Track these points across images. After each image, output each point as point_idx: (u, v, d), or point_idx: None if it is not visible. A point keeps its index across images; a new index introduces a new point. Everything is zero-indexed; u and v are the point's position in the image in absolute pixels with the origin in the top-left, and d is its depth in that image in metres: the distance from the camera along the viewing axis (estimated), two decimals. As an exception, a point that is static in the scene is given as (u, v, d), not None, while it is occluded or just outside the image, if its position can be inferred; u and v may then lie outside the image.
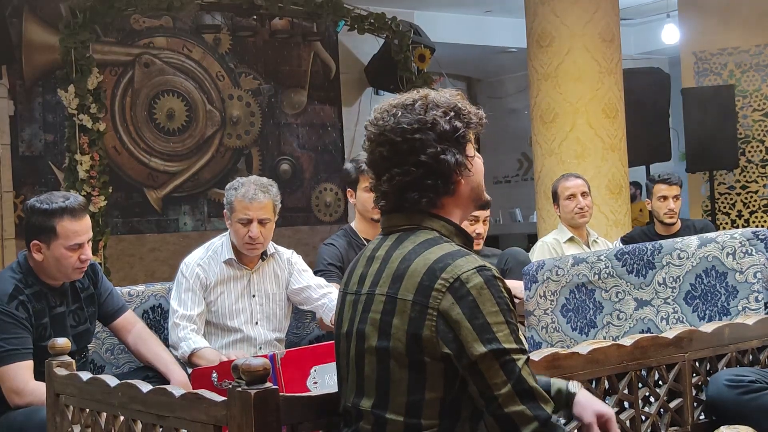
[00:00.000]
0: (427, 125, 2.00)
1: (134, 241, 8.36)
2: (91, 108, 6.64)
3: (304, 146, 9.42)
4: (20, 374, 3.05)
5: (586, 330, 3.47)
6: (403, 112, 2.02)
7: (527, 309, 3.65)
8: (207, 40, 8.83)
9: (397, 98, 2.08)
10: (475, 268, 1.91)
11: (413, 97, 2.05)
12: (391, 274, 1.97)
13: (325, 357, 3.01)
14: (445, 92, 2.08)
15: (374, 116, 2.07)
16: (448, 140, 2.01)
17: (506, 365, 1.86)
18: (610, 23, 7.01)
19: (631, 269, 3.35)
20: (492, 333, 1.86)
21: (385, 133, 2.03)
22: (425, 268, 1.92)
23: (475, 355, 1.86)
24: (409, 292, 1.92)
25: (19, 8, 7.79)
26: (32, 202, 3.22)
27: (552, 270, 3.59)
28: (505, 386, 1.86)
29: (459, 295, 1.88)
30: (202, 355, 3.53)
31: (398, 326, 1.93)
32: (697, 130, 8.23)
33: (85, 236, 3.23)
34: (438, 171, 2.01)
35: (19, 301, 3.13)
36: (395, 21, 8.50)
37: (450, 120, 2.02)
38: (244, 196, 3.69)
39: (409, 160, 2.00)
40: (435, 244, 1.97)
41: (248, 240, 3.68)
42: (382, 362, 1.95)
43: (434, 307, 1.89)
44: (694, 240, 3.23)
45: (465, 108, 2.06)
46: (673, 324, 3.19)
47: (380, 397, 1.96)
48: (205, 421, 2.09)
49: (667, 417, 2.65)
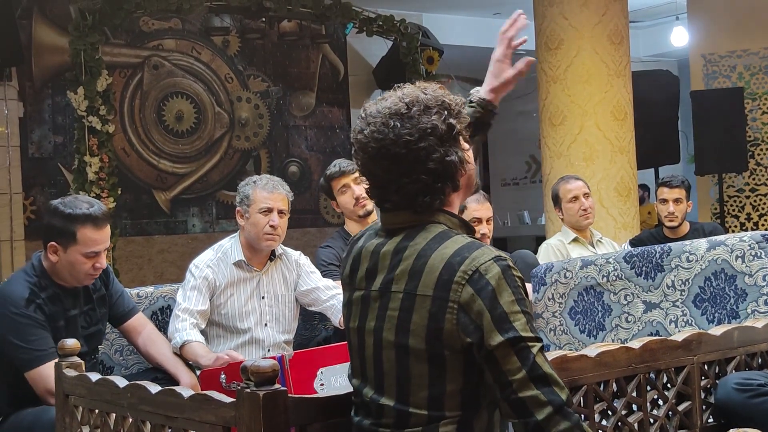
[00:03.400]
0: (427, 131, 1.98)
1: (143, 243, 8.38)
2: (101, 110, 6.66)
3: (312, 148, 9.43)
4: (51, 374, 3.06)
5: (594, 332, 3.47)
6: (401, 122, 1.99)
7: (536, 311, 3.65)
8: (216, 42, 8.85)
9: (384, 105, 2.02)
10: (492, 258, 1.92)
11: (403, 101, 2.01)
12: (407, 271, 1.97)
13: (333, 359, 3.02)
14: (427, 88, 2.06)
15: (369, 129, 2.01)
16: (447, 141, 2.01)
17: (521, 352, 1.87)
18: (619, 25, 7.00)
19: (639, 272, 3.35)
20: (509, 322, 1.88)
21: (387, 147, 1.99)
22: (443, 263, 1.93)
23: (492, 344, 1.87)
24: (429, 288, 1.93)
25: (29, 10, 7.82)
26: (56, 204, 3.22)
27: (560, 272, 3.59)
28: (520, 372, 1.86)
29: (479, 287, 1.89)
30: (190, 349, 3.49)
31: (418, 322, 1.93)
32: (706, 132, 8.21)
33: (103, 245, 3.24)
34: (446, 173, 2.01)
35: (36, 305, 3.14)
36: (404, 23, 8.51)
37: (444, 120, 2.01)
38: (265, 187, 3.75)
39: (417, 169, 1.99)
40: (447, 238, 1.98)
41: (269, 230, 3.70)
42: (401, 359, 1.96)
43: (455, 300, 1.90)
44: (703, 243, 3.23)
45: (452, 102, 2.06)
46: (681, 327, 3.18)
47: (401, 393, 1.97)
48: (214, 422, 2.09)
49: (675, 420, 2.65)
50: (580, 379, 2.40)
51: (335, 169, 4.28)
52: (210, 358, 3.38)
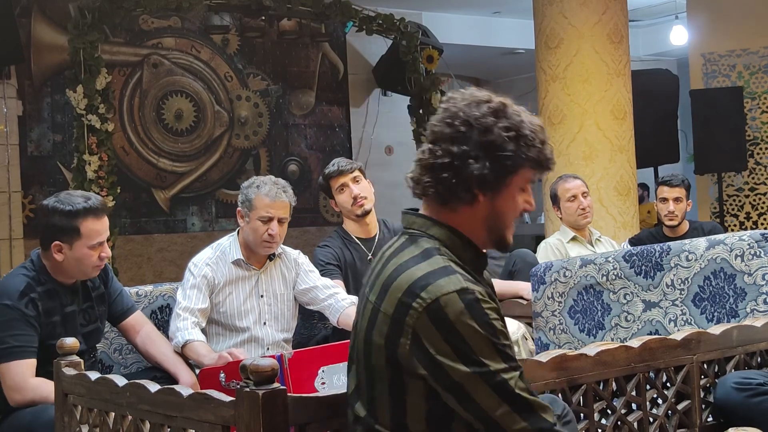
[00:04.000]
0: (478, 125, 1.91)
1: (142, 242, 8.37)
2: (100, 108, 6.65)
3: (311, 147, 9.43)
4: (20, 372, 3.06)
5: (593, 331, 3.47)
6: (475, 104, 1.94)
7: (535, 310, 3.65)
8: (215, 41, 8.85)
9: (484, 93, 1.98)
10: (456, 290, 1.83)
11: (495, 98, 1.96)
12: (381, 283, 1.93)
13: (333, 357, 3.01)
14: (533, 116, 1.98)
15: (456, 95, 1.99)
16: (487, 152, 1.91)
17: (498, 387, 1.82)
18: (618, 24, 6.99)
19: (639, 271, 3.35)
20: (475, 355, 1.80)
21: (448, 110, 1.96)
22: (407, 284, 1.86)
23: (457, 375, 1.81)
24: (390, 307, 1.87)
25: (28, 8, 7.81)
26: (53, 203, 3.21)
27: (560, 271, 3.59)
28: (501, 407, 1.82)
29: (436, 318, 1.81)
30: (193, 348, 3.50)
31: (377, 341, 1.90)
32: (705, 131, 8.21)
33: (106, 234, 3.28)
34: (458, 172, 1.92)
35: (29, 299, 3.14)
36: (403, 22, 8.50)
37: (504, 137, 1.91)
38: (267, 194, 3.70)
39: (442, 145, 1.93)
40: (427, 258, 1.90)
41: (267, 238, 3.70)
42: (368, 372, 1.94)
43: (410, 324, 1.83)
44: (702, 242, 3.23)
45: (533, 139, 1.94)
46: (681, 326, 3.19)
47: (370, 405, 1.94)
48: (213, 421, 2.09)
49: (674, 419, 2.65)
50: (579, 378, 2.40)
51: (334, 168, 4.27)
52: (213, 357, 3.38)
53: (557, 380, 2.36)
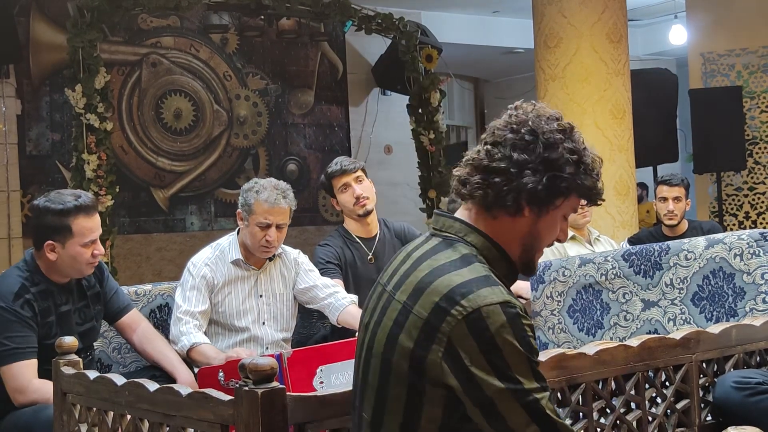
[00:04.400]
0: (544, 138, 1.89)
1: (141, 241, 8.37)
2: (99, 107, 6.64)
3: (311, 146, 9.42)
4: (23, 373, 3.06)
5: (593, 331, 3.47)
6: (547, 119, 1.93)
7: (534, 310, 3.65)
8: (214, 40, 8.84)
9: (554, 110, 1.98)
10: (499, 303, 1.77)
11: (563, 118, 1.96)
12: (414, 284, 1.86)
13: (332, 357, 3.01)
14: (592, 147, 1.97)
15: (532, 107, 1.98)
16: (547, 168, 1.88)
17: (529, 405, 1.77)
18: (617, 24, 6.99)
19: (638, 270, 3.35)
20: (511, 372, 1.76)
21: (517, 116, 1.94)
22: (447, 289, 1.80)
23: (491, 390, 1.76)
24: (425, 310, 1.81)
25: (27, 7, 7.81)
26: (43, 203, 3.21)
27: (559, 271, 3.59)
28: (530, 426, 1.77)
29: (476, 328, 1.76)
30: (200, 351, 3.53)
31: (404, 343, 1.83)
32: (704, 131, 8.21)
33: (98, 232, 3.27)
34: (512, 179, 1.87)
35: (24, 300, 3.14)
36: (402, 21, 8.50)
37: (567, 160, 1.89)
38: (266, 200, 3.67)
39: (501, 149, 1.89)
40: (467, 264, 1.85)
41: (264, 243, 3.69)
42: (384, 373, 1.88)
43: (445, 332, 1.78)
44: (701, 241, 3.23)
45: (591, 169, 1.92)
46: (680, 325, 3.19)
47: (378, 410, 1.89)
48: (212, 420, 2.09)
49: (673, 418, 2.65)
50: (578, 378, 2.40)
51: (337, 167, 4.26)
52: (221, 358, 3.38)
53: (556, 379, 2.35)
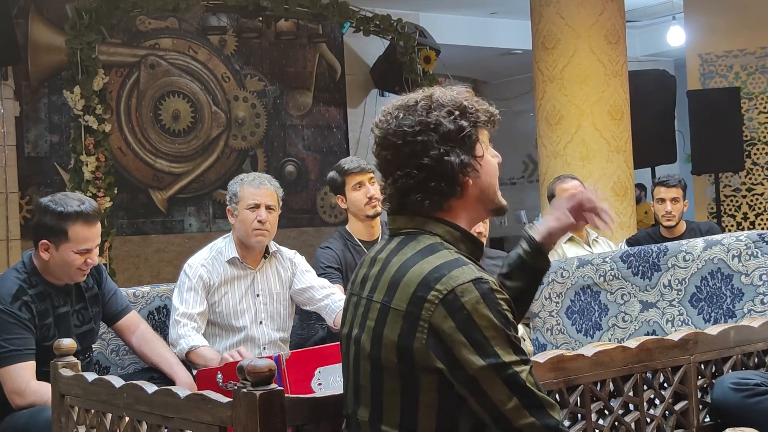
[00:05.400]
0: (429, 126, 1.94)
1: (139, 242, 8.36)
2: (97, 109, 6.65)
3: (309, 148, 9.42)
4: (21, 375, 3.06)
5: (591, 332, 3.47)
6: (405, 113, 1.97)
7: (532, 311, 3.65)
8: (212, 42, 8.84)
9: (401, 99, 2.02)
10: (471, 280, 1.83)
11: (416, 97, 1.99)
12: (387, 281, 1.91)
13: (330, 358, 3.01)
14: (453, 89, 2.02)
15: (378, 118, 2.02)
16: (452, 141, 1.94)
17: (509, 378, 1.81)
18: (615, 25, 7.00)
19: (636, 271, 3.35)
20: (490, 346, 1.80)
21: (388, 137, 1.98)
22: (420, 278, 1.85)
23: (473, 368, 1.80)
24: (403, 302, 1.86)
25: (25, 9, 7.81)
26: (46, 202, 3.21)
27: (557, 272, 3.59)
28: (511, 400, 1.80)
29: (452, 309, 1.81)
30: (199, 353, 3.53)
31: (389, 337, 1.87)
32: (702, 132, 8.21)
33: (95, 242, 3.24)
34: (441, 173, 1.94)
35: (22, 302, 3.13)
36: (400, 23, 8.50)
37: (455, 120, 1.95)
38: (251, 183, 3.75)
39: (410, 163, 1.95)
40: (434, 252, 1.90)
41: (257, 225, 3.70)
42: (375, 372, 1.91)
43: (426, 318, 1.82)
44: (699, 242, 3.23)
45: (472, 106, 1.99)
46: (678, 326, 3.19)
47: (375, 407, 1.92)
48: (211, 422, 2.09)
49: (672, 419, 2.65)
50: (576, 379, 2.40)
51: (354, 164, 4.24)
52: (219, 360, 3.38)
53: (555, 381, 2.35)
